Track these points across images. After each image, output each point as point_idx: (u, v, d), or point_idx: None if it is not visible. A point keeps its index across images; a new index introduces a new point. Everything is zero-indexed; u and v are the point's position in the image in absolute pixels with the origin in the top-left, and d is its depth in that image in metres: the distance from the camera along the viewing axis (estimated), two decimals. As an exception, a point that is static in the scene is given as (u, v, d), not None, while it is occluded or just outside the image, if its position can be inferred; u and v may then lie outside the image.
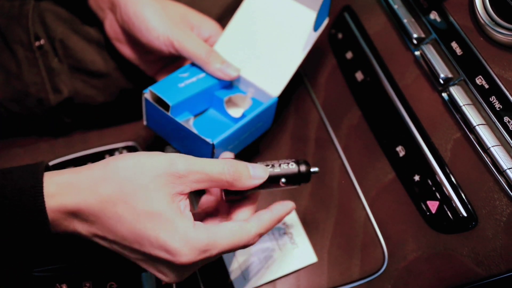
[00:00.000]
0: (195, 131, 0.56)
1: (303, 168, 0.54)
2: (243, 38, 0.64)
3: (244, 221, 0.49)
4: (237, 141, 0.60)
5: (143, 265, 0.47)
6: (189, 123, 0.60)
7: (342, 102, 0.66)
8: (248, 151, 0.69)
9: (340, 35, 0.67)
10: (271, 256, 0.61)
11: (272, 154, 0.68)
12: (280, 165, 0.53)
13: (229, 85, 0.64)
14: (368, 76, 0.63)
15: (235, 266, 0.60)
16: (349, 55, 0.66)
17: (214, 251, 0.46)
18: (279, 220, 0.52)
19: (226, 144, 0.58)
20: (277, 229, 0.63)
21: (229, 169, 0.48)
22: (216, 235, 0.46)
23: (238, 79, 0.63)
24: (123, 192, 0.44)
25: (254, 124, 0.61)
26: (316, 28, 0.62)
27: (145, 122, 0.61)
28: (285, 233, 0.63)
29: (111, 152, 0.66)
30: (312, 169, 0.55)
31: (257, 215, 0.51)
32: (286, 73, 0.62)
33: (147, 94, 0.58)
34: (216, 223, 0.51)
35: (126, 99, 0.70)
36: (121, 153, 0.65)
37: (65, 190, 0.44)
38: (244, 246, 0.49)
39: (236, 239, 0.47)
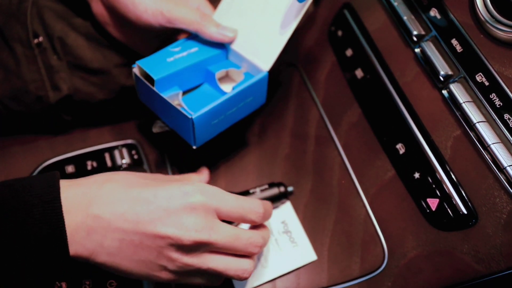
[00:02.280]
0: (181, 105, 0.56)
1: (282, 189, 0.63)
2: (234, 14, 0.63)
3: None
4: (222, 116, 0.59)
5: (158, 224, 0.48)
6: (178, 97, 0.59)
7: (342, 99, 0.65)
8: (249, 151, 0.69)
9: (340, 33, 0.67)
10: (270, 255, 0.61)
11: (272, 152, 0.68)
12: (261, 190, 0.63)
13: (223, 60, 0.63)
14: (368, 74, 0.63)
15: (234, 264, 0.60)
16: (349, 52, 0.66)
17: (222, 199, 0.51)
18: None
19: (209, 119, 0.57)
20: (276, 227, 0.63)
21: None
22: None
23: (233, 53, 0.62)
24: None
25: (242, 99, 0.60)
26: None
27: (139, 97, 0.61)
28: (284, 232, 0.63)
29: (110, 150, 0.65)
30: (289, 189, 0.64)
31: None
32: (275, 47, 0.61)
33: (135, 69, 0.58)
34: None
35: (126, 96, 0.70)
36: (120, 151, 0.65)
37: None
38: (252, 213, 0.53)
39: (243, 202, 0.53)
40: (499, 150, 0.50)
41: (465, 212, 0.52)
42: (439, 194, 0.54)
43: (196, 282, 0.52)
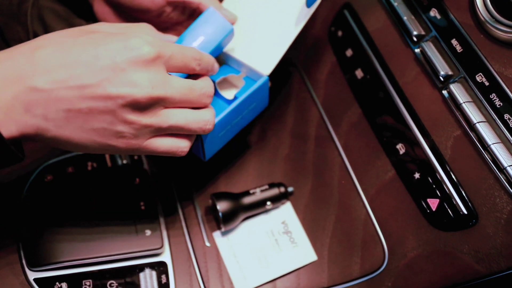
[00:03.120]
0: None
1: (282, 189, 0.63)
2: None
3: None
4: (229, 126, 0.59)
5: (107, 85, 0.44)
6: None
7: (342, 100, 0.65)
8: (249, 151, 0.69)
9: (340, 33, 0.67)
10: (271, 255, 0.61)
11: (272, 153, 0.68)
12: (261, 191, 0.63)
13: (223, 66, 0.63)
14: (368, 74, 0.63)
15: (235, 266, 0.60)
16: (349, 52, 0.66)
17: (168, 48, 0.47)
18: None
19: (217, 132, 0.57)
20: (276, 228, 0.63)
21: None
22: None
23: (230, 59, 0.62)
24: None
25: (246, 106, 0.59)
26: (309, 4, 0.60)
27: None
28: (284, 232, 0.63)
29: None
30: (289, 189, 0.64)
31: None
32: (277, 51, 0.60)
33: None
34: None
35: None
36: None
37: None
38: (193, 60, 0.50)
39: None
40: (499, 150, 0.50)
41: (465, 212, 0.52)
42: (439, 194, 0.54)
43: (160, 150, 0.49)
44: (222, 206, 0.60)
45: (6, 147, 0.42)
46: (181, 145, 0.50)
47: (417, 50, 0.59)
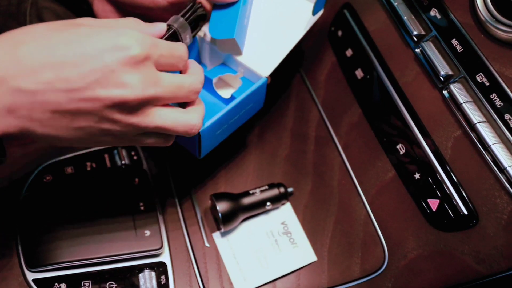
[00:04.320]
0: None
1: (282, 190, 0.63)
2: None
3: None
4: (226, 125, 0.58)
5: (97, 88, 0.42)
6: None
7: (342, 100, 0.65)
8: (249, 151, 0.69)
9: (340, 33, 0.67)
10: (270, 255, 0.61)
11: (272, 153, 0.68)
12: (261, 191, 0.62)
13: (220, 65, 0.63)
14: (368, 74, 0.63)
15: (234, 266, 0.60)
16: (349, 52, 0.65)
17: (158, 46, 0.46)
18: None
19: (214, 130, 0.57)
20: (276, 228, 0.63)
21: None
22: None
23: (229, 58, 0.62)
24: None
25: (243, 107, 0.59)
26: (315, 12, 0.61)
27: None
28: (284, 233, 0.63)
29: (110, 151, 0.65)
30: (289, 189, 0.64)
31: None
32: (278, 54, 0.60)
33: None
34: None
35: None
36: (120, 152, 0.65)
37: None
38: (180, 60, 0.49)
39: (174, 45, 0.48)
40: (499, 151, 0.50)
41: (466, 212, 0.52)
42: (439, 195, 0.54)
43: (145, 143, 0.49)
44: (221, 206, 0.60)
45: None
46: (167, 140, 0.50)
47: (417, 50, 0.58)
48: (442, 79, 0.55)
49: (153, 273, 0.56)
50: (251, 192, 0.63)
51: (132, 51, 0.43)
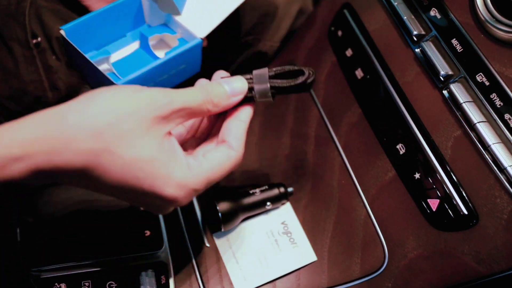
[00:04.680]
0: (111, 70, 0.55)
1: (282, 190, 0.63)
2: None
3: (228, 148, 0.49)
4: (152, 83, 0.57)
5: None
6: (108, 61, 0.58)
7: (342, 99, 0.65)
8: (249, 151, 0.69)
9: (340, 33, 0.67)
10: (270, 255, 0.61)
11: (272, 153, 0.68)
12: (261, 191, 0.62)
13: (162, 25, 0.62)
14: (368, 74, 0.63)
15: (234, 266, 0.60)
16: (349, 52, 0.65)
17: (208, 186, 0.47)
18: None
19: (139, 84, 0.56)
20: (276, 228, 0.63)
21: (207, 97, 0.47)
22: (209, 171, 0.47)
23: (170, 19, 0.61)
24: (106, 142, 0.41)
25: (174, 66, 0.58)
26: None
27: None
28: (284, 233, 0.63)
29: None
30: (289, 189, 0.64)
31: (234, 133, 0.50)
32: (216, 17, 0.60)
33: (62, 31, 0.57)
34: (213, 146, 0.51)
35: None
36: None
37: (34, 149, 0.39)
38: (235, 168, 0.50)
39: (227, 168, 0.49)
40: (499, 150, 0.50)
41: (466, 212, 0.52)
42: (439, 195, 0.54)
43: None
44: (222, 206, 0.60)
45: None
46: None
47: (417, 50, 0.58)
48: (442, 79, 0.55)
49: (153, 273, 0.56)
50: (251, 192, 0.63)
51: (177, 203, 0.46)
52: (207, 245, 0.61)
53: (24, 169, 0.39)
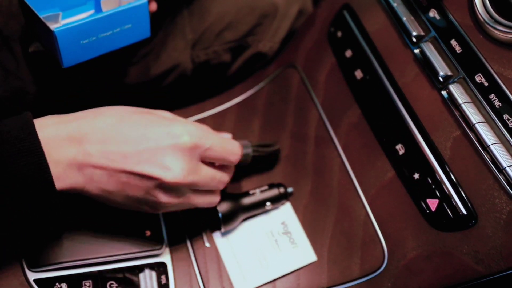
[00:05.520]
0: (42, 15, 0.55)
1: (282, 190, 0.64)
2: None
3: None
4: (94, 37, 0.57)
5: (145, 165, 0.50)
6: (57, 18, 0.58)
7: (342, 100, 0.65)
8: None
9: (339, 33, 0.67)
10: (270, 255, 0.61)
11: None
12: (261, 191, 0.63)
13: None
14: (368, 75, 0.63)
15: (234, 266, 0.60)
16: (348, 53, 0.66)
17: (208, 140, 0.53)
18: None
19: (77, 36, 0.56)
20: (276, 228, 0.63)
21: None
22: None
23: None
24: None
25: (117, 24, 0.58)
26: None
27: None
28: (284, 233, 0.63)
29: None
30: (289, 190, 0.64)
31: None
32: None
33: None
34: None
35: (126, 96, 0.70)
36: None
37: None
38: (232, 155, 0.57)
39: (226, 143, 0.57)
40: (498, 151, 0.50)
41: (465, 212, 0.52)
42: (438, 195, 0.54)
43: (174, 210, 0.57)
44: (221, 206, 0.60)
45: (55, 197, 0.48)
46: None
47: (416, 51, 0.59)
48: (441, 79, 0.55)
49: (154, 273, 0.56)
50: (251, 192, 0.63)
51: (181, 139, 0.51)
52: (207, 245, 0.61)
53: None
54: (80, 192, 0.51)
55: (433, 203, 0.55)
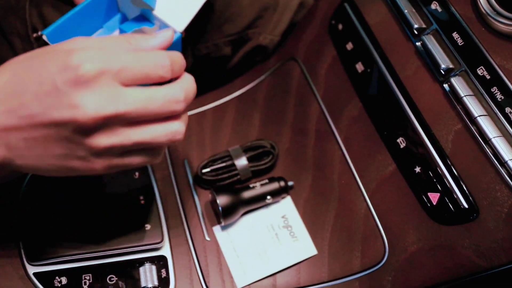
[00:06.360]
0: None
1: (282, 184, 0.63)
2: None
3: None
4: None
5: (52, 111, 0.42)
6: None
7: (343, 93, 0.65)
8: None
9: (340, 26, 0.67)
10: (271, 249, 0.61)
11: (272, 147, 0.68)
12: (261, 185, 0.63)
13: (140, 17, 0.61)
14: (369, 67, 0.62)
15: (235, 260, 0.60)
16: (349, 46, 0.65)
17: (117, 61, 0.43)
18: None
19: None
20: (277, 222, 0.63)
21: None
22: None
23: (147, 11, 0.61)
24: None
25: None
26: None
27: None
28: (284, 226, 0.63)
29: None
30: (289, 183, 0.64)
31: None
32: (191, 8, 0.58)
33: (44, 36, 0.56)
34: None
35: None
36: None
37: None
38: (157, 67, 0.45)
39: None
40: (500, 144, 0.50)
41: (466, 206, 0.52)
42: (440, 188, 0.54)
43: (133, 164, 0.46)
44: (222, 200, 0.60)
45: None
46: (153, 156, 0.47)
47: (418, 44, 0.58)
48: (443, 72, 0.55)
49: (154, 267, 0.56)
50: (251, 185, 0.63)
51: (80, 70, 0.41)
52: (208, 238, 0.61)
53: None
54: (8, 168, 0.44)
55: (434, 197, 0.54)
